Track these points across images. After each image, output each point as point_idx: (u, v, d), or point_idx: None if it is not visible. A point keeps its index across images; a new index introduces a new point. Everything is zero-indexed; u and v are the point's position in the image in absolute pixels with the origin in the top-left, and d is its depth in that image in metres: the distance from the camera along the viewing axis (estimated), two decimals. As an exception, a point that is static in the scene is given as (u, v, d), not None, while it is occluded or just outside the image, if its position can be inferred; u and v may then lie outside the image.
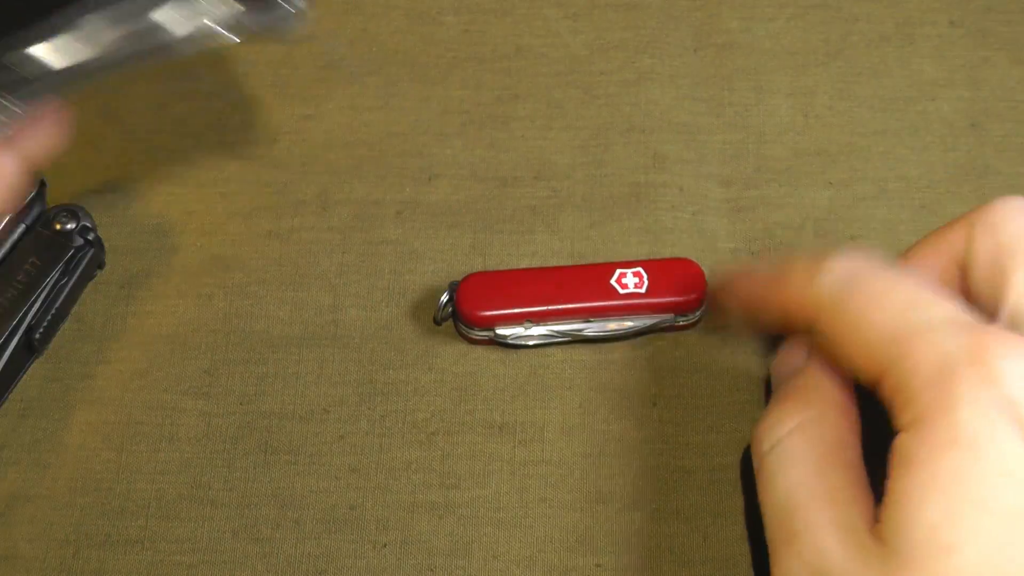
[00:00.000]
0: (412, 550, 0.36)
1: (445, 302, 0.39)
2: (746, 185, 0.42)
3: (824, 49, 0.45)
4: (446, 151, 0.43)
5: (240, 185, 0.42)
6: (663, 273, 0.39)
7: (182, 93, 0.44)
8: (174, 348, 0.39)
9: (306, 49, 0.45)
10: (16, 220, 0.38)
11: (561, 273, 0.39)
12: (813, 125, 0.44)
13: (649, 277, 0.38)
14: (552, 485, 0.37)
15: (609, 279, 0.38)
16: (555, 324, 0.38)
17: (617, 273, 0.38)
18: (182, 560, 0.36)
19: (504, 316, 0.38)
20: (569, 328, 0.38)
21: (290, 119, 0.44)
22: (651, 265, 0.39)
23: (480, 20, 0.46)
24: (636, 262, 0.39)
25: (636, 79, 0.44)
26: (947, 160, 0.43)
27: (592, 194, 0.42)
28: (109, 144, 0.43)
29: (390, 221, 0.42)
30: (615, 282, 0.38)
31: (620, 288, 0.38)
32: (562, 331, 0.38)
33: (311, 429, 0.38)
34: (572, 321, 0.38)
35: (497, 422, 0.38)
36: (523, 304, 0.38)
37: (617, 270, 0.38)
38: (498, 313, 0.38)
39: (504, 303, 0.38)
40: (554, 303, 0.38)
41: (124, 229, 0.41)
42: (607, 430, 0.38)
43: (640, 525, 0.37)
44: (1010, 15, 0.46)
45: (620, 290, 0.38)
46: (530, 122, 0.44)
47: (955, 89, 0.44)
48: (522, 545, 0.36)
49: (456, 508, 0.37)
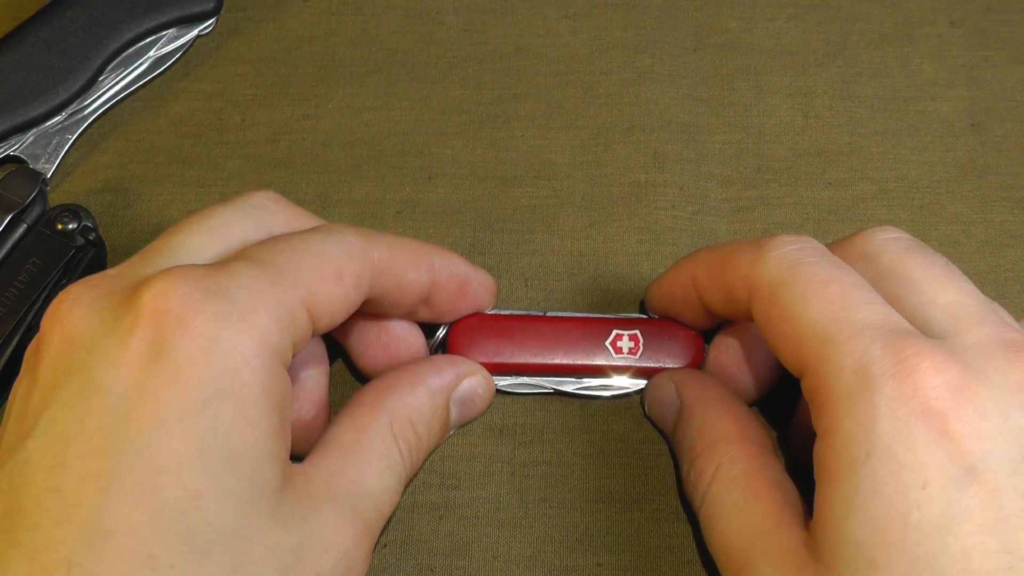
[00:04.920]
0: (412, 550, 0.36)
1: (441, 337, 0.38)
2: (746, 185, 0.43)
3: (824, 49, 0.45)
4: (446, 151, 0.43)
5: (240, 185, 0.42)
6: (660, 336, 0.37)
7: (182, 93, 0.44)
8: (174, 348, 0.39)
9: (306, 49, 0.45)
10: (17, 220, 0.38)
11: (555, 326, 0.38)
12: (813, 125, 0.44)
13: (645, 341, 0.37)
14: (552, 485, 0.37)
15: (604, 340, 0.37)
16: (544, 377, 0.38)
17: (613, 335, 0.37)
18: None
19: (493, 365, 0.37)
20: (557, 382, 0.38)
21: (290, 119, 0.44)
22: (649, 328, 0.38)
23: (480, 20, 0.46)
24: (634, 321, 0.38)
25: (636, 79, 0.44)
26: (947, 160, 0.43)
27: (592, 194, 0.42)
28: (109, 144, 0.43)
29: (390, 221, 0.42)
30: (610, 344, 0.37)
31: (614, 352, 0.37)
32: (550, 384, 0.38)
33: (311, 429, 0.38)
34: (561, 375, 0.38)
35: (497, 423, 0.38)
36: (513, 356, 0.37)
37: (613, 331, 0.37)
38: (487, 362, 0.37)
39: (495, 352, 0.37)
40: (545, 358, 0.37)
41: (124, 229, 0.41)
42: (607, 431, 0.38)
43: (640, 525, 0.37)
44: (1010, 15, 0.46)
45: (614, 353, 0.37)
46: (530, 122, 0.44)
47: (955, 89, 0.44)
48: (522, 545, 0.36)
49: (456, 508, 0.37)
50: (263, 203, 0.33)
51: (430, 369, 0.35)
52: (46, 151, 0.42)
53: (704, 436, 0.34)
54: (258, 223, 0.32)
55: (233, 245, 0.31)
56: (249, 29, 0.45)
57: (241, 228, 0.32)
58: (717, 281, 0.34)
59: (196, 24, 0.44)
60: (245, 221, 0.32)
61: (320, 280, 0.30)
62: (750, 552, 0.31)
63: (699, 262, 0.35)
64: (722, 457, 0.33)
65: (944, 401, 0.28)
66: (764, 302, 0.31)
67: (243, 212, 0.32)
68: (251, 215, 0.32)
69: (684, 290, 0.36)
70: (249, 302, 0.28)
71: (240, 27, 0.45)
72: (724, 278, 0.33)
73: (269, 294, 0.29)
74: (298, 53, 0.45)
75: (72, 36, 0.42)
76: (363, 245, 0.32)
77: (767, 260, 0.32)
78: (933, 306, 0.30)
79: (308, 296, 0.30)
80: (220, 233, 0.31)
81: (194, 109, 0.44)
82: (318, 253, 0.31)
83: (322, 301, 0.30)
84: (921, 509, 0.27)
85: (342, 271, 0.31)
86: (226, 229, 0.31)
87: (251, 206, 0.32)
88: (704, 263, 0.35)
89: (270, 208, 0.33)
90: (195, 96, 0.44)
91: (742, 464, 0.33)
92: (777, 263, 0.31)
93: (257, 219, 0.32)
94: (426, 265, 0.34)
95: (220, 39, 0.45)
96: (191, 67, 0.45)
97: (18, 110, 0.41)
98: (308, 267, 0.30)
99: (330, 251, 0.31)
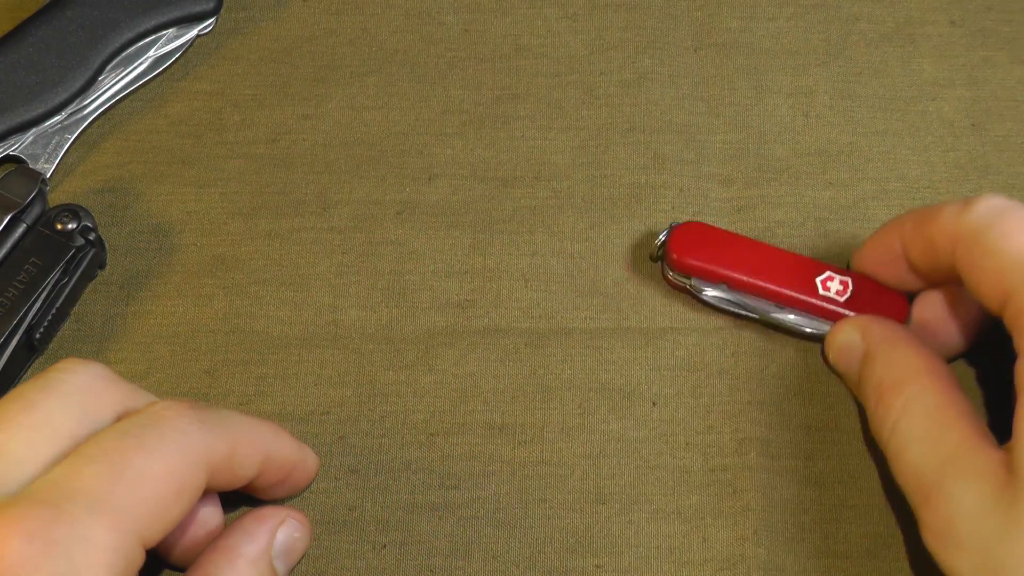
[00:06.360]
0: (412, 551, 0.36)
1: (663, 241, 0.39)
2: (746, 185, 0.42)
3: (824, 49, 0.45)
4: (446, 151, 0.43)
5: (240, 185, 0.42)
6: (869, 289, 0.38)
7: (182, 93, 0.44)
8: (174, 348, 0.39)
9: (306, 49, 0.45)
10: (17, 219, 0.38)
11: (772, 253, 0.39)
12: (813, 125, 0.44)
13: (854, 288, 0.38)
14: (552, 485, 0.37)
15: (816, 276, 0.39)
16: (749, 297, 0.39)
17: (825, 274, 0.39)
18: (182, 560, 0.36)
19: (708, 271, 0.39)
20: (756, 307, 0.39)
21: (290, 119, 0.44)
22: (860, 279, 0.39)
23: (480, 20, 0.46)
24: (848, 272, 0.39)
25: (636, 79, 0.44)
26: (947, 160, 0.43)
27: (592, 194, 0.42)
28: (109, 144, 0.43)
29: (390, 221, 0.42)
30: (820, 282, 0.38)
31: (823, 290, 0.38)
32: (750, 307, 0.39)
33: (310, 430, 0.38)
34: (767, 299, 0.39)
35: (497, 423, 0.38)
36: (729, 268, 0.39)
37: (827, 271, 0.39)
38: (703, 266, 0.39)
39: (713, 258, 0.39)
40: (757, 278, 0.38)
41: (124, 229, 0.41)
42: (607, 430, 0.38)
43: (640, 525, 0.37)
44: (1010, 15, 0.46)
45: (822, 291, 0.38)
46: (530, 122, 0.44)
47: (955, 89, 0.44)
48: (522, 546, 0.36)
49: (456, 509, 0.37)
50: (89, 384, 0.31)
51: (242, 538, 0.33)
52: (46, 151, 0.42)
53: (891, 373, 0.35)
54: (85, 412, 0.30)
55: (61, 443, 0.29)
56: (249, 29, 0.45)
57: (68, 422, 0.30)
58: (923, 234, 0.35)
59: (196, 24, 0.44)
60: (71, 412, 0.30)
61: (160, 506, 0.29)
62: (944, 475, 0.32)
63: (907, 219, 0.36)
64: (911, 390, 0.34)
65: None
66: (967, 246, 0.33)
67: (68, 400, 0.30)
68: (77, 403, 0.30)
69: (891, 247, 0.37)
70: (86, 558, 0.27)
71: (240, 27, 0.45)
72: (930, 230, 0.35)
73: (107, 546, 0.28)
74: (298, 53, 0.45)
75: (72, 36, 0.42)
76: (205, 447, 0.30)
77: (972, 210, 0.33)
78: None
79: (146, 529, 0.29)
80: (45, 431, 0.29)
81: (194, 109, 0.44)
82: (160, 475, 0.29)
83: (159, 526, 0.29)
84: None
85: (182, 488, 0.30)
86: (51, 426, 0.29)
87: (77, 390, 0.30)
88: (912, 219, 0.36)
89: (97, 390, 0.31)
90: (195, 96, 0.44)
91: (932, 396, 0.34)
92: (982, 212, 0.33)
93: (83, 407, 0.30)
94: (260, 457, 0.33)
95: (220, 39, 0.45)
96: (191, 67, 0.45)
97: (18, 110, 0.41)
98: (148, 496, 0.29)
99: (172, 468, 0.29)
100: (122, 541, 0.28)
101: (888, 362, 0.36)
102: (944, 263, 0.35)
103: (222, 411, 0.32)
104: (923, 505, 0.32)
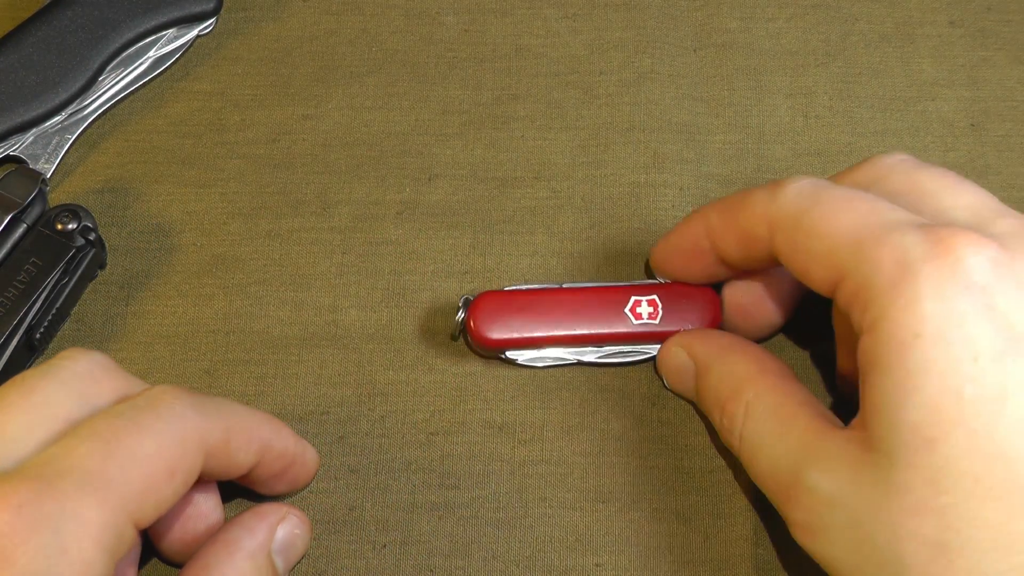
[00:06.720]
0: (412, 551, 0.36)
1: (462, 318, 0.38)
2: (746, 185, 0.42)
3: (824, 49, 0.45)
4: (446, 151, 0.43)
5: (240, 185, 0.42)
6: (677, 298, 0.38)
7: (182, 93, 0.44)
8: (174, 348, 0.39)
9: (306, 49, 0.45)
10: (17, 219, 0.39)
11: (574, 297, 0.38)
12: (813, 125, 0.44)
13: (663, 304, 0.38)
14: (552, 485, 0.37)
15: (624, 307, 0.38)
16: (565, 349, 0.38)
17: (632, 301, 0.38)
18: (182, 560, 0.36)
19: (515, 340, 0.37)
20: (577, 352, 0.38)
21: (290, 119, 0.44)
22: (666, 291, 0.38)
23: (480, 20, 0.46)
24: (650, 286, 0.38)
25: (636, 79, 0.44)
26: (947, 160, 0.43)
27: (592, 194, 0.42)
28: (109, 144, 0.43)
29: (390, 221, 0.42)
30: (629, 311, 0.38)
31: (634, 319, 0.38)
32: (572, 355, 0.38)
33: (310, 430, 0.38)
34: (583, 346, 0.38)
35: (497, 422, 0.38)
36: (535, 330, 0.37)
37: (632, 297, 0.38)
38: (509, 337, 0.37)
39: (516, 327, 0.37)
40: (566, 329, 0.37)
41: (124, 229, 0.41)
42: (607, 430, 0.38)
43: (640, 525, 0.37)
44: (1010, 15, 0.46)
45: (634, 320, 0.38)
46: (530, 122, 0.44)
47: (955, 89, 0.44)
48: (522, 545, 0.36)
49: (456, 508, 0.37)
50: (88, 371, 0.31)
51: (241, 532, 0.33)
52: (46, 151, 0.42)
53: (726, 383, 0.35)
54: (82, 397, 0.30)
55: (57, 426, 0.29)
56: (249, 29, 0.45)
57: (65, 406, 0.30)
58: (733, 224, 0.34)
59: (196, 24, 0.44)
60: (69, 396, 0.30)
61: (152, 485, 0.29)
62: (798, 469, 0.32)
63: (712, 211, 0.36)
64: (749, 395, 0.34)
65: (986, 275, 0.28)
66: (788, 230, 0.32)
67: (66, 386, 0.30)
68: (75, 388, 0.30)
69: (696, 242, 0.36)
70: (75, 532, 0.27)
71: (240, 27, 0.45)
72: (741, 220, 0.34)
73: (96, 522, 0.28)
74: (298, 53, 0.45)
75: (72, 36, 0.42)
76: (199, 430, 0.31)
77: (786, 193, 0.32)
78: (954, 209, 0.31)
79: (137, 509, 0.29)
80: (42, 413, 0.29)
81: (194, 109, 0.44)
82: (152, 454, 0.29)
83: (151, 506, 0.29)
84: (975, 383, 0.28)
85: (175, 468, 0.30)
86: (48, 408, 0.30)
87: (75, 377, 0.31)
88: (717, 211, 0.35)
89: (96, 377, 0.31)
90: (195, 96, 0.44)
91: (769, 395, 0.34)
92: (796, 193, 0.32)
93: (81, 392, 0.30)
94: (258, 446, 0.33)
95: (220, 39, 0.45)
96: (191, 67, 0.45)
97: (18, 110, 0.41)
98: (140, 474, 0.29)
99: (165, 448, 0.29)
100: (112, 518, 0.28)
101: (720, 373, 0.35)
102: (760, 251, 0.34)
103: (219, 399, 0.33)
104: (786, 503, 0.32)
